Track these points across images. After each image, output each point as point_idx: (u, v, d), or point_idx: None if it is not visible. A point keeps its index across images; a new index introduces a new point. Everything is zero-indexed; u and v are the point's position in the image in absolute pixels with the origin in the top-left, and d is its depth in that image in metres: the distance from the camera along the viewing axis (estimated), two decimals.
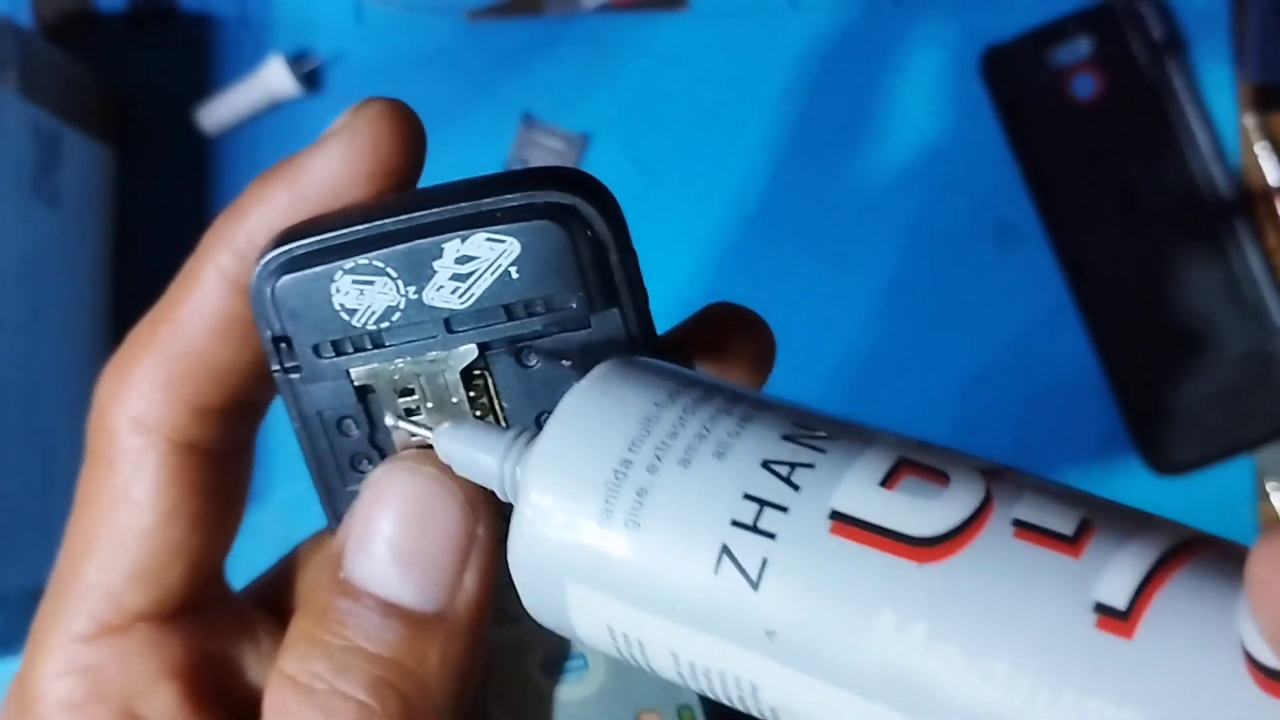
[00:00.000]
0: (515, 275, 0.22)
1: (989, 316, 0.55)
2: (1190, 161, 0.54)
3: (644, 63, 0.56)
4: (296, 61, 0.56)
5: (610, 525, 0.19)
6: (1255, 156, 0.55)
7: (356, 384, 0.23)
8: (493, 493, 0.22)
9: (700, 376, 0.20)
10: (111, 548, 0.23)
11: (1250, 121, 0.55)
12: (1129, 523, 0.17)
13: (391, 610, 0.22)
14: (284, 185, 0.23)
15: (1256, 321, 0.54)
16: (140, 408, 0.23)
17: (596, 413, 0.20)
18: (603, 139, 0.56)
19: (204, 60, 0.58)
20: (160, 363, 0.23)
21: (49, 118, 0.51)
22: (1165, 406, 0.54)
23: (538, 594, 0.20)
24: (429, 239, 0.22)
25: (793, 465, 0.18)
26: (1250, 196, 0.54)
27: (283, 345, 0.23)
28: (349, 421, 0.23)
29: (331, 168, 0.23)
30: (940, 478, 0.18)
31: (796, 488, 0.18)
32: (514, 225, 0.21)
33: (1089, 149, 0.55)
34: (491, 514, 0.22)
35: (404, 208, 0.22)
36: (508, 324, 0.22)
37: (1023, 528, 0.17)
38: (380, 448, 0.23)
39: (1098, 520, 0.17)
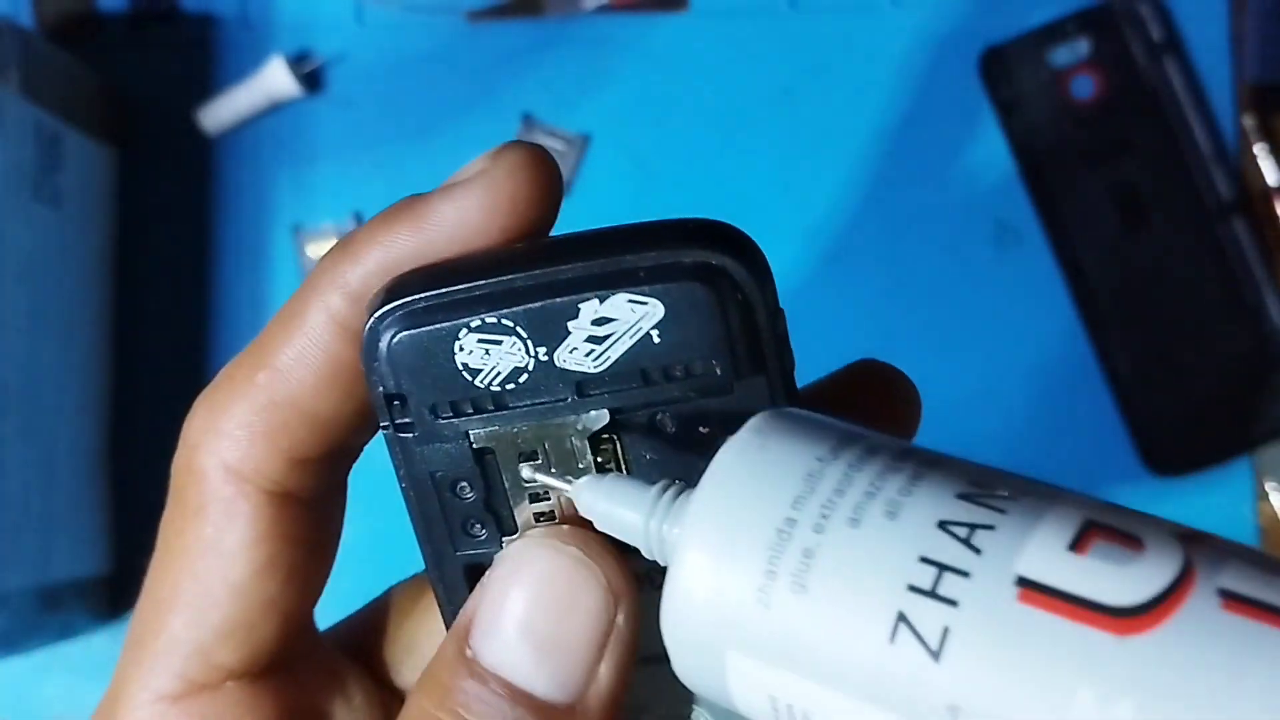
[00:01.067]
0: (656, 339, 0.20)
1: (988, 316, 0.55)
2: (1190, 161, 0.54)
3: (644, 63, 0.56)
4: (297, 62, 0.56)
5: (775, 589, 0.18)
6: (1255, 156, 0.55)
7: (476, 447, 0.21)
8: (633, 569, 0.21)
9: (861, 429, 0.19)
10: (200, 601, 0.22)
11: (1250, 121, 0.55)
12: None
13: (521, 698, 0.20)
14: (408, 228, 0.21)
15: (1256, 321, 0.54)
16: (235, 455, 0.22)
17: (756, 468, 0.18)
18: (603, 139, 0.56)
19: (205, 61, 0.58)
20: (259, 411, 0.22)
21: (50, 118, 0.51)
22: (1165, 406, 0.54)
23: (693, 660, 0.19)
24: (565, 298, 0.20)
25: (972, 526, 0.17)
26: (1250, 196, 0.55)
27: (396, 403, 0.21)
28: (464, 484, 0.21)
29: (464, 215, 0.21)
30: (1133, 542, 0.17)
31: (978, 551, 0.17)
32: (658, 286, 0.20)
33: (1088, 149, 0.55)
34: (632, 600, 0.21)
35: (535, 261, 0.20)
36: (644, 389, 0.20)
37: (1231, 599, 0.16)
38: (495, 512, 0.22)
39: None
